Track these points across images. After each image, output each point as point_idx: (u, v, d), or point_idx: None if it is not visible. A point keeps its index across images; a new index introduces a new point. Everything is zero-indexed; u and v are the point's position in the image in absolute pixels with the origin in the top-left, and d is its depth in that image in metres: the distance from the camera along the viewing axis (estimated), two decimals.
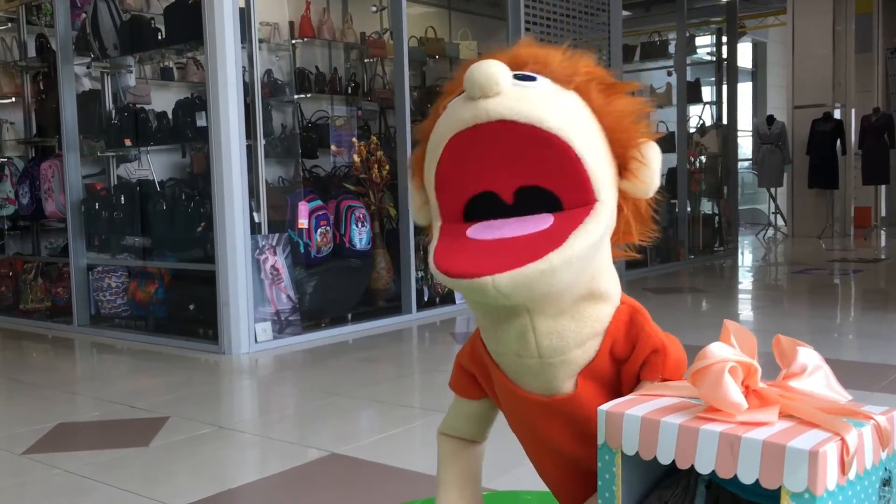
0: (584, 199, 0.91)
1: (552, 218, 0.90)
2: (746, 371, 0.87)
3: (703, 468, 0.81)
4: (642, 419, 0.86)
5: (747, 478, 0.79)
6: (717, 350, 0.87)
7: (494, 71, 0.89)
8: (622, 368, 0.99)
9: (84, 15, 4.79)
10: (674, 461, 0.84)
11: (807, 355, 0.93)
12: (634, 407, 0.88)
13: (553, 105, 0.91)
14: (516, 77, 0.92)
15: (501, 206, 0.93)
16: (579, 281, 0.93)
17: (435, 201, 0.97)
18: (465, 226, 0.93)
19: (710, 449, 0.81)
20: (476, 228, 0.92)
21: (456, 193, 0.95)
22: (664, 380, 0.98)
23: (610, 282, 0.99)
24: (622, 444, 0.87)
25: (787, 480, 0.77)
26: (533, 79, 0.93)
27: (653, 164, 0.96)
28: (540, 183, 0.91)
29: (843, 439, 0.79)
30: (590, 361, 0.98)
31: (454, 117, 0.94)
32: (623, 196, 0.97)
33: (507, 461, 1.13)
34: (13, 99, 5.63)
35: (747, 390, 0.86)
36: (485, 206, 0.93)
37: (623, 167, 0.96)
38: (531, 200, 0.92)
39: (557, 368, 0.98)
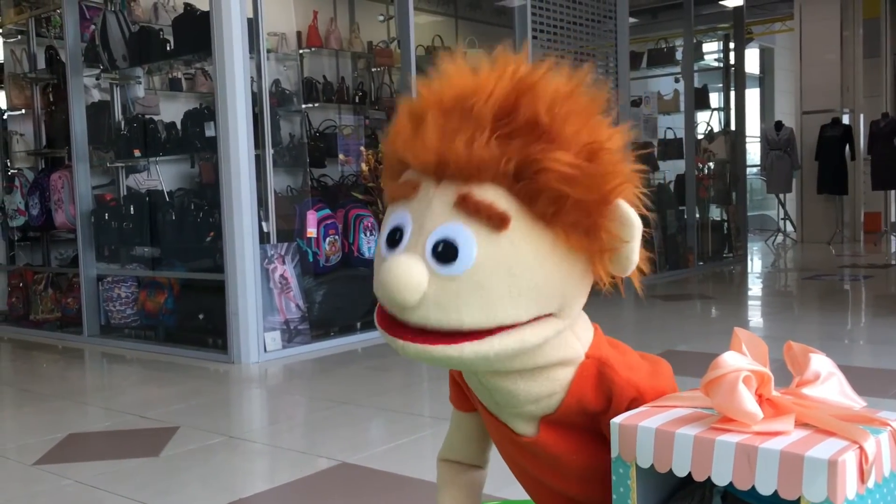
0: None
1: None
2: (760, 380, 0.86)
3: (720, 480, 0.81)
4: (656, 431, 0.85)
5: (765, 489, 0.78)
6: (731, 359, 0.86)
7: (405, 297, 0.82)
8: (601, 419, 0.95)
9: (93, 27, 4.82)
10: (689, 473, 0.83)
11: (819, 362, 0.92)
12: (648, 419, 0.87)
13: (476, 297, 0.82)
14: (435, 255, 0.83)
15: None
16: (515, 364, 0.89)
17: None
18: None
19: (726, 460, 0.80)
20: None
21: None
22: None
23: (565, 351, 0.92)
24: (636, 457, 0.86)
25: (806, 491, 0.76)
26: (454, 255, 0.82)
27: (626, 255, 0.85)
28: None
29: (861, 447, 0.78)
30: (550, 414, 0.95)
31: (378, 289, 0.86)
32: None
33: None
34: (23, 111, 5.66)
35: (761, 399, 0.85)
36: None
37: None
38: None
39: (514, 417, 0.96)
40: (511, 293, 0.83)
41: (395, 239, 0.86)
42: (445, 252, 0.82)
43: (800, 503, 0.76)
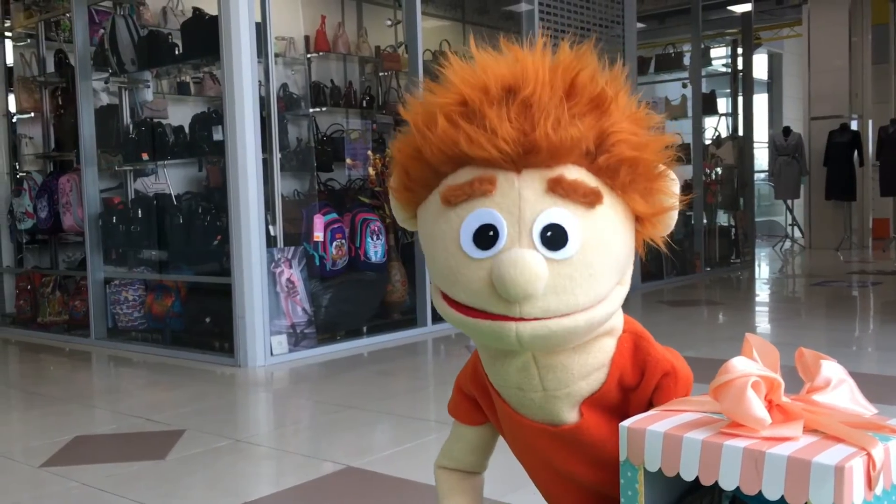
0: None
1: None
2: (769, 385, 0.86)
3: (728, 484, 0.80)
4: (665, 435, 0.84)
5: (772, 494, 0.78)
6: (740, 364, 0.86)
7: (535, 288, 0.82)
8: (631, 396, 0.97)
9: (102, 31, 4.84)
10: (697, 477, 0.82)
11: (830, 369, 0.91)
12: (657, 423, 0.87)
13: (586, 276, 0.85)
14: (544, 241, 0.84)
15: None
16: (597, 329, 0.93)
17: None
18: None
19: (734, 465, 0.80)
20: None
21: None
22: None
23: (614, 318, 0.96)
24: (645, 461, 0.86)
25: (813, 496, 0.75)
26: (564, 239, 0.84)
27: (667, 220, 0.92)
28: None
29: (869, 454, 0.78)
30: (595, 392, 0.96)
31: (467, 281, 0.86)
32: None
33: (523, 475, 1.12)
34: (32, 114, 5.68)
35: (771, 405, 0.85)
36: None
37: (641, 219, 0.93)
38: None
39: (562, 400, 0.96)
40: (608, 266, 0.87)
41: (488, 237, 0.85)
42: (556, 237, 0.84)
43: None
